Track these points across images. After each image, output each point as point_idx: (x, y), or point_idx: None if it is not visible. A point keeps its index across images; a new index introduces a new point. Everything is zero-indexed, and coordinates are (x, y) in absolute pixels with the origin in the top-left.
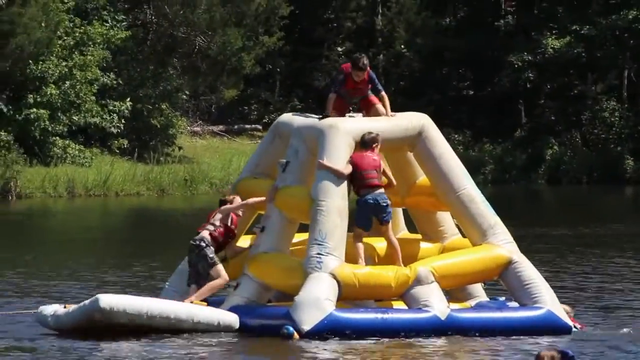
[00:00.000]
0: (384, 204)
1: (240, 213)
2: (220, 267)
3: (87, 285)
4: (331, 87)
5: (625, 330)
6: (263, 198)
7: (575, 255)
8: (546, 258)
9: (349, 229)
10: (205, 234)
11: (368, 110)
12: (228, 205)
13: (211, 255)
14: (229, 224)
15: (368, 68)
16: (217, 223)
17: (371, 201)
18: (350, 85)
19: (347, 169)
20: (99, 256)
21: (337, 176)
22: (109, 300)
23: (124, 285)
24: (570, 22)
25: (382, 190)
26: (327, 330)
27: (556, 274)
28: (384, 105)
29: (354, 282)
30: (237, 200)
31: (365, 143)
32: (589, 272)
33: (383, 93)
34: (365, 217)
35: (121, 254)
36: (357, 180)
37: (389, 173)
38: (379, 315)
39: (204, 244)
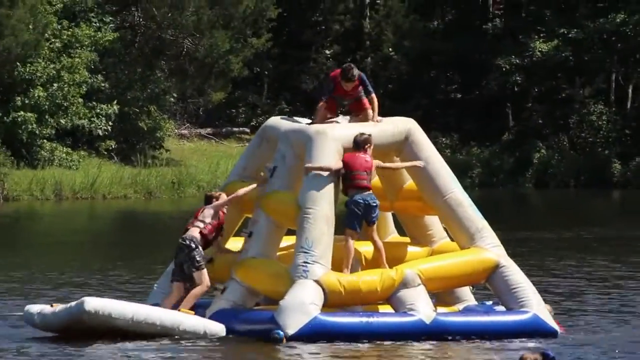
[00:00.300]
0: (374, 204)
1: (225, 210)
2: (204, 272)
3: (74, 287)
4: (320, 95)
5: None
6: (253, 186)
7: (556, 259)
8: (528, 261)
9: (339, 233)
10: (195, 232)
11: (358, 113)
12: (218, 202)
13: (199, 259)
14: (217, 221)
15: (359, 74)
16: (207, 220)
17: (361, 201)
18: (341, 91)
19: (337, 165)
20: (86, 259)
21: (325, 172)
22: (94, 303)
23: (111, 287)
24: (558, 26)
25: (371, 191)
26: (311, 334)
27: (538, 277)
28: (372, 108)
29: (340, 290)
30: (223, 196)
31: (357, 144)
32: (568, 276)
33: (373, 95)
34: (357, 218)
35: (108, 256)
36: (347, 180)
37: (389, 164)
38: (364, 319)
39: (193, 245)
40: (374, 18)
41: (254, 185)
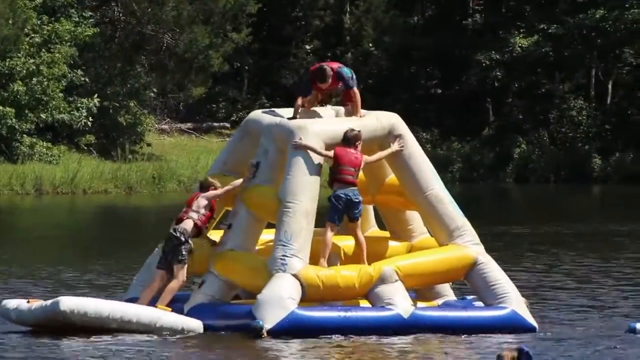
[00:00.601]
0: (356, 200)
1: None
2: (184, 268)
3: (52, 282)
4: (298, 92)
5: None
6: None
7: (531, 254)
8: (503, 256)
9: (319, 226)
10: (188, 224)
11: (346, 104)
12: (215, 192)
13: (184, 253)
14: (210, 211)
15: (335, 68)
16: (202, 211)
17: (343, 196)
18: (317, 89)
19: (329, 153)
20: (66, 253)
21: (315, 155)
22: (69, 303)
23: (90, 281)
24: (538, 21)
25: (355, 187)
26: (289, 329)
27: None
28: (355, 103)
29: (318, 284)
30: (219, 187)
31: (348, 140)
32: (542, 270)
33: (354, 90)
34: (337, 212)
35: (88, 251)
36: (334, 174)
37: (373, 157)
38: (342, 314)
39: (182, 239)
40: (354, 13)
41: (241, 179)
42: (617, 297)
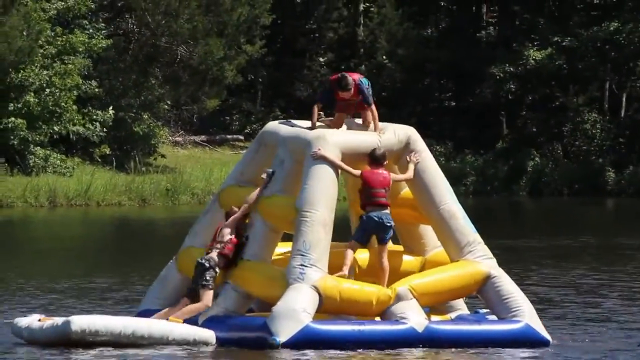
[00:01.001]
0: (388, 224)
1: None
2: (210, 293)
3: (66, 295)
4: (317, 99)
5: None
6: (257, 190)
7: (541, 267)
8: (514, 269)
9: (336, 240)
10: (214, 254)
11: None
12: (234, 216)
13: (208, 278)
14: (234, 236)
15: (357, 80)
16: (226, 239)
17: (376, 219)
18: (339, 97)
19: (355, 172)
20: (79, 266)
21: (334, 167)
22: (80, 322)
23: (103, 294)
24: (552, 34)
25: (388, 210)
26: (303, 342)
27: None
28: (373, 119)
29: (336, 296)
30: (235, 210)
31: (377, 159)
32: (553, 284)
33: (373, 107)
34: (366, 233)
35: (102, 263)
36: (366, 198)
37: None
38: (356, 327)
39: (207, 265)
40: (368, 26)
41: (258, 190)
42: (628, 311)
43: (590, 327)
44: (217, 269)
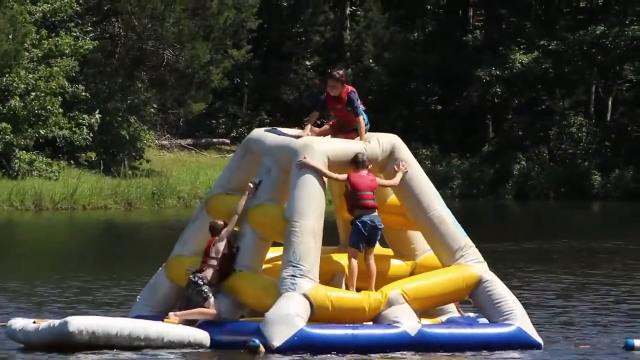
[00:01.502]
0: (380, 227)
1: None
2: (212, 300)
3: (56, 299)
4: (311, 105)
5: None
6: (244, 198)
7: (517, 270)
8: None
9: (325, 244)
10: (208, 273)
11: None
12: (225, 230)
13: (206, 291)
14: (229, 250)
15: (349, 89)
16: (217, 256)
17: (368, 222)
18: (331, 103)
19: (341, 177)
20: (67, 269)
21: (320, 175)
22: (77, 323)
23: (91, 298)
24: (538, 37)
25: (376, 212)
26: (297, 346)
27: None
28: (360, 129)
29: (327, 305)
30: (220, 223)
31: (361, 163)
32: (539, 288)
33: (361, 118)
34: (362, 238)
35: (89, 267)
36: (353, 201)
37: (386, 182)
38: (349, 332)
39: (201, 283)
40: (355, 29)
41: (245, 198)
42: (612, 314)
43: (575, 331)
44: (207, 285)
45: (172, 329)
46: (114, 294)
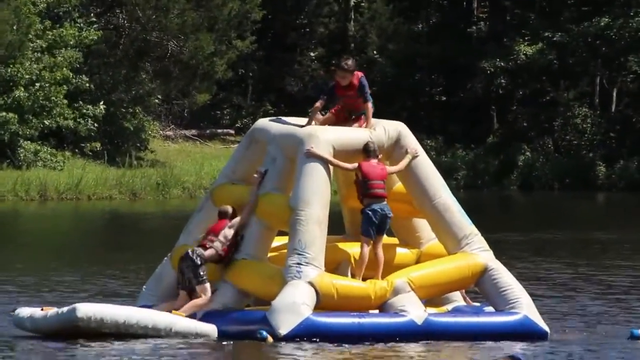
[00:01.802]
0: (390, 215)
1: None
2: (207, 285)
3: (63, 289)
4: (319, 94)
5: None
6: (254, 188)
7: (530, 261)
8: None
9: (331, 233)
10: (209, 253)
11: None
12: (237, 219)
13: (202, 273)
14: (233, 239)
15: (359, 74)
16: (225, 241)
17: (379, 210)
18: (340, 91)
19: (350, 166)
20: (72, 259)
21: (326, 164)
22: (86, 309)
23: (99, 289)
24: (543, 29)
25: (386, 201)
26: (303, 335)
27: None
28: (367, 116)
29: (333, 293)
30: (227, 208)
31: (372, 152)
32: (541, 278)
33: (369, 104)
34: (373, 226)
35: (95, 257)
36: (364, 189)
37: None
38: (356, 320)
39: (199, 262)
40: (359, 21)
41: (254, 188)
42: (617, 304)
43: (580, 322)
44: (204, 265)
45: (179, 320)
46: (119, 283)
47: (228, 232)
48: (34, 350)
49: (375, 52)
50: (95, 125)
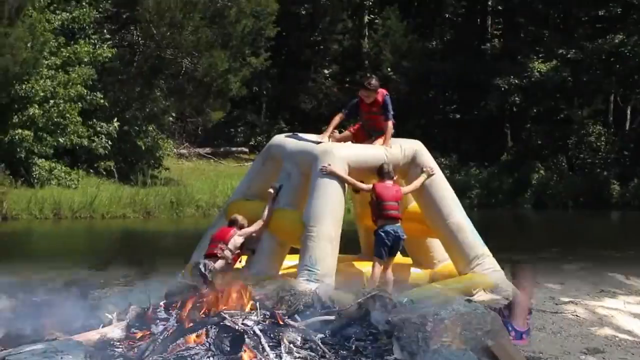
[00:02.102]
0: (403, 238)
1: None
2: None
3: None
4: (343, 108)
5: None
6: (269, 204)
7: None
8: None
9: (343, 252)
10: (219, 264)
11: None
12: (250, 229)
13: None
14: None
15: (383, 92)
16: (235, 250)
17: (392, 232)
18: (365, 108)
19: (365, 187)
20: (87, 275)
21: (342, 183)
22: None
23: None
24: (557, 46)
25: (400, 223)
26: None
27: None
28: (386, 134)
29: None
30: (241, 219)
31: (386, 173)
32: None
33: (390, 123)
34: (385, 247)
35: (109, 274)
36: (377, 210)
37: (409, 187)
38: None
39: (210, 278)
40: (373, 38)
41: (268, 207)
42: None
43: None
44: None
45: None
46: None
47: (238, 240)
48: None
49: (389, 69)
50: (109, 143)
